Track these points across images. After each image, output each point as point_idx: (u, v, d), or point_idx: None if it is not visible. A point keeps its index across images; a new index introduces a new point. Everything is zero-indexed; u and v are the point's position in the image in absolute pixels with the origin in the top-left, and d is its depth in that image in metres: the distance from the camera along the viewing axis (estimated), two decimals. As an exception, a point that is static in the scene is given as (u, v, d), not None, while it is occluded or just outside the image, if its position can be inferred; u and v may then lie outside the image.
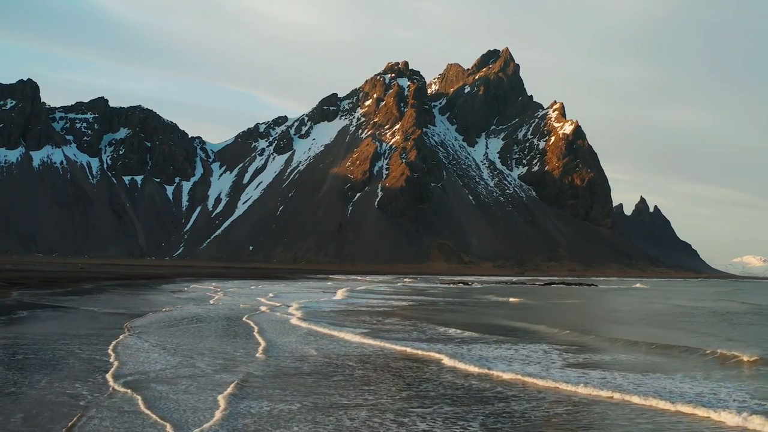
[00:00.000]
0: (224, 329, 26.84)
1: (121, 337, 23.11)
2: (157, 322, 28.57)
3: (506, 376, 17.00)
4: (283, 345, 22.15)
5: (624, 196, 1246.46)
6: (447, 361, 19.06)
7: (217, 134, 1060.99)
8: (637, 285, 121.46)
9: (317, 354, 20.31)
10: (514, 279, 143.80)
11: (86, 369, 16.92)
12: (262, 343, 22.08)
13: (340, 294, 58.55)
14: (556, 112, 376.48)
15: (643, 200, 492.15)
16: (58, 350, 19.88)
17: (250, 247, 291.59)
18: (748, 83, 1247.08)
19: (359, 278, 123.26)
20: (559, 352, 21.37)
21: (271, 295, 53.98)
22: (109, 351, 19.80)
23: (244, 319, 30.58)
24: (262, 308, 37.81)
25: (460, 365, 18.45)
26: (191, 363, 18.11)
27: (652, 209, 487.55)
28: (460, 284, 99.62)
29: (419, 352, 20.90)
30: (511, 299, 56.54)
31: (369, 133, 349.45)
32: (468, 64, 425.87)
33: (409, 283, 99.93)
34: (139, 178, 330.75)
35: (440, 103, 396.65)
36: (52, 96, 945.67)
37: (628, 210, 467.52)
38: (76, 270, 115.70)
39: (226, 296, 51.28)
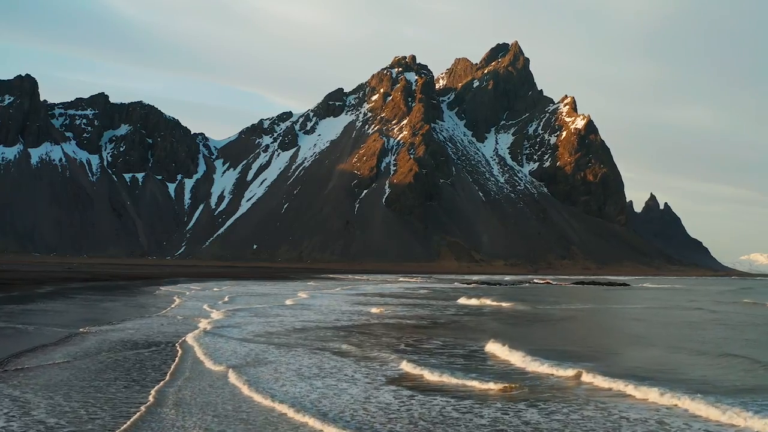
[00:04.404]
0: (134, 367, 18.06)
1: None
2: (64, 355, 19.77)
3: None
4: (166, 410, 12.99)
5: (633, 193, 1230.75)
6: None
7: (220, 131, 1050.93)
8: (646, 284, 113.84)
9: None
10: (535, 279, 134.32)
11: None
12: (142, 409, 12.87)
13: (303, 295, 52.76)
14: (567, 107, 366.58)
15: (653, 197, 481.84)
16: None
17: (254, 246, 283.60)
18: (754, 81, 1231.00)
19: (359, 277, 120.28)
20: None
21: (227, 298, 47.61)
22: None
23: (176, 345, 21.94)
24: (203, 321, 29.46)
25: None
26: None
27: (662, 206, 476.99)
28: (477, 284, 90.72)
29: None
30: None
31: (376, 128, 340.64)
32: (476, 60, 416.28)
33: (405, 283, 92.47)
34: (140, 176, 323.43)
35: (448, 98, 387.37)
36: (54, 94, 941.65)
37: (638, 207, 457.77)
38: (63, 270, 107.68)
39: (184, 302, 43.51)
